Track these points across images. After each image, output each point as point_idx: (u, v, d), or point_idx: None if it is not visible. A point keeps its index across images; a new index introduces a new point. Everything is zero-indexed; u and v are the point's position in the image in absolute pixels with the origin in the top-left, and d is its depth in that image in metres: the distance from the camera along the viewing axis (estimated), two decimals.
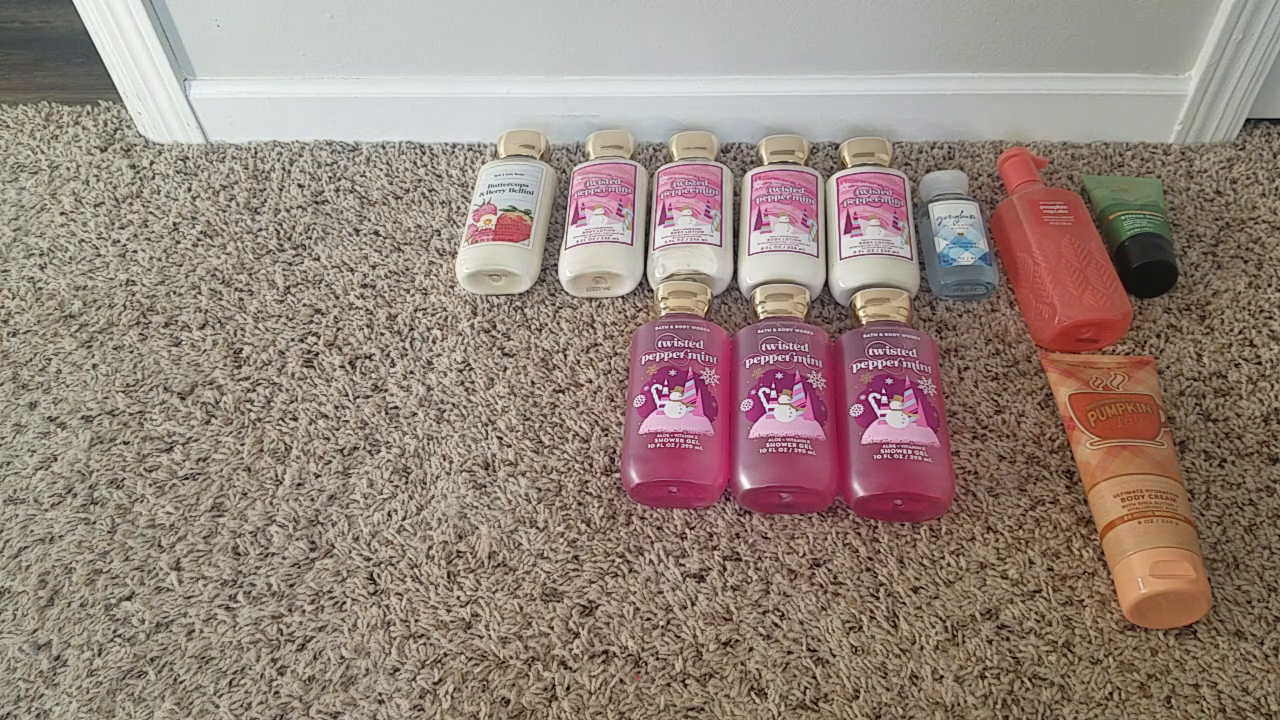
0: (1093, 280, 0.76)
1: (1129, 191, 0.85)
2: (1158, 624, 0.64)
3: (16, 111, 1.02)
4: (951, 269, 0.80)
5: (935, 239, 0.82)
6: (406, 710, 0.62)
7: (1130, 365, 0.75)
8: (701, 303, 0.78)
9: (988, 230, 0.84)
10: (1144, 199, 0.84)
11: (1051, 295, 0.76)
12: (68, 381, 0.80)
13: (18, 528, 0.72)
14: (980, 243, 0.81)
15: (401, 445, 0.75)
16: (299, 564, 0.69)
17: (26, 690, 0.64)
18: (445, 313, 0.83)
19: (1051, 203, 0.81)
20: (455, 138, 0.97)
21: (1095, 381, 0.73)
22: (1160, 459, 0.67)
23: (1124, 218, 0.82)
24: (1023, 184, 0.85)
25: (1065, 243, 0.78)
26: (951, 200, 0.84)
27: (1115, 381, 0.73)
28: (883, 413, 0.69)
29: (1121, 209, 0.83)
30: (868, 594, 0.66)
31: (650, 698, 0.62)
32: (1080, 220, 0.80)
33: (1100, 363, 0.75)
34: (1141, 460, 0.67)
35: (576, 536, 0.69)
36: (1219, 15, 0.83)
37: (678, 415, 0.69)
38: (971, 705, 0.61)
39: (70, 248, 0.90)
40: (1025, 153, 0.87)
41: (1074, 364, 0.75)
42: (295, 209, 0.92)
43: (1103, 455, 0.68)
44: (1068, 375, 0.74)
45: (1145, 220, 0.81)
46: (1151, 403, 0.71)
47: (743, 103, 0.92)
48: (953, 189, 0.86)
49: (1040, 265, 0.78)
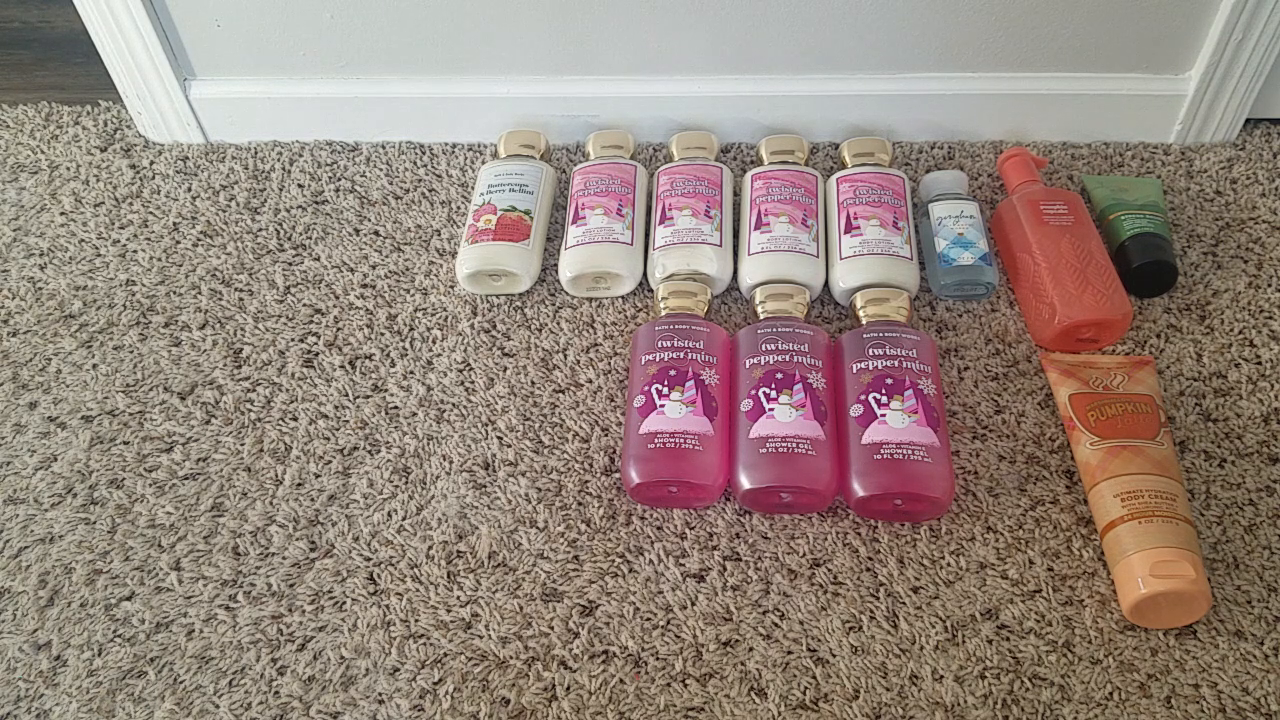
0: (1093, 280, 0.76)
1: (1129, 191, 0.85)
2: (1158, 624, 0.64)
3: (16, 111, 1.02)
4: (951, 269, 0.80)
5: (935, 239, 0.82)
6: (406, 710, 0.62)
7: (1130, 365, 0.75)
8: (701, 303, 0.78)
9: (988, 230, 0.85)
10: (1144, 199, 0.84)
11: (1051, 295, 0.76)
12: (68, 381, 0.80)
13: (18, 528, 0.72)
14: (980, 242, 0.81)
15: (401, 445, 0.75)
16: (299, 564, 0.69)
17: (26, 690, 0.64)
18: (445, 313, 0.83)
19: (1051, 203, 0.81)
20: (455, 138, 0.97)
21: (1095, 381, 0.73)
22: (1160, 459, 0.67)
23: (1124, 217, 0.82)
24: (1023, 184, 0.85)
25: (1065, 242, 0.78)
26: (951, 200, 0.84)
27: (1115, 381, 0.73)
28: (883, 413, 0.69)
29: (1121, 209, 0.83)
30: (868, 594, 0.66)
31: (650, 698, 0.62)
32: (1080, 220, 0.80)
33: (1100, 363, 0.75)
34: (1142, 460, 0.67)
35: (576, 536, 0.69)
36: (1219, 15, 0.83)
37: (678, 415, 0.69)
38: (971, 705, 0.61)
39: (70, 248, 0.90)
40: (1025, 153, 0.87)
41: (1074, 364, 0.75)
42: (295, 209, 0.92)
43: (1103, 455, 0.68)
44: (1068, 375, 0.74)
45: (1145, 220, 0.81)
46: (1151, 403, 0.71)
47: (743, 103, 0.92)
48: (953, 189, 0.86)
49: (1040, 265, 0.78)
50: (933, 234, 0.83)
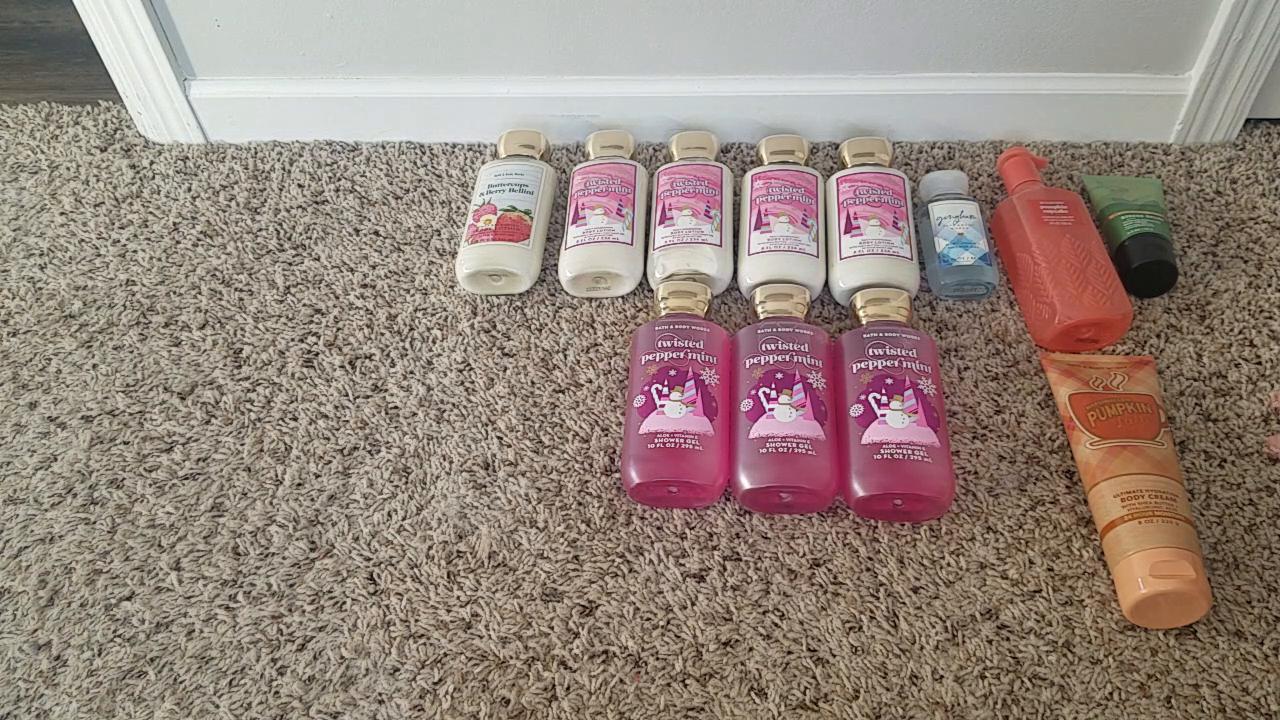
0: (1093, 280, 0.76)
1: (1129, 191, 0.85)
2: (1158, 624, 0.64)
3: (16, 111, 1.02)
4: (951, 269, 0.80)
5: (935, 239, 0.82)
6: (406, 710, 0.62)
7: (1130, 365, 0.75)
8: (701, 303, 0.78)
9: (988, 230, 0.84)
10: (1144, 199, 0.84)
11: (1051, 295, 0.76)
12: (68, 381, 0.80)
13: (18, 528, 0.72)
14: (980, 243, 0.81)
15: (401, 445, 0.75)
16: (299, 564, 0.69)
17: (26, 690, 0.64)
18: (445, 313, 0.83)
19: (1051, 203, 0.81)
20: (455, 138, 0.97)
21: (1095, 381, 0.73)
22: (1160, 459, 0.67)
23: (1124, 218, 0.82)
24: (1023, 184, 0.85)
25: (1065, 242, 0.78)
26: (951, 200, 0.84)
27: (1115, 381, 0.73)
28: (883, 413, 0.69)
29: (1121, 209, 0.83)
30: (868, 594, 0.66)
31: (650, 698, 0.62)
32: (1080, 220, 0.80)
33: (1100, 363, 0.75)
34: (1141, 460, 0.67)
35: (576, 536, 0.69)
36: (1219, 15, 0.83)
37: (678, 415, 0.69)
38: (971, 705, 0.61)
39: (70, 248, 0.90)
40: (1025, 153, 0.87)
41: (1074, 364, 0.75)
42: (295, 209, 0.92)
43: (1103, 455, 0.68)
44: (1068, 375, 0.74)
45: (1145, 220, 0.81)
46: (1151, 403, 0.71)
47: (743, 103, 0.92)
48: (953, 189, 0.86)
49: (1040, 265, 0.78)
50: (932, 234, 0.83)
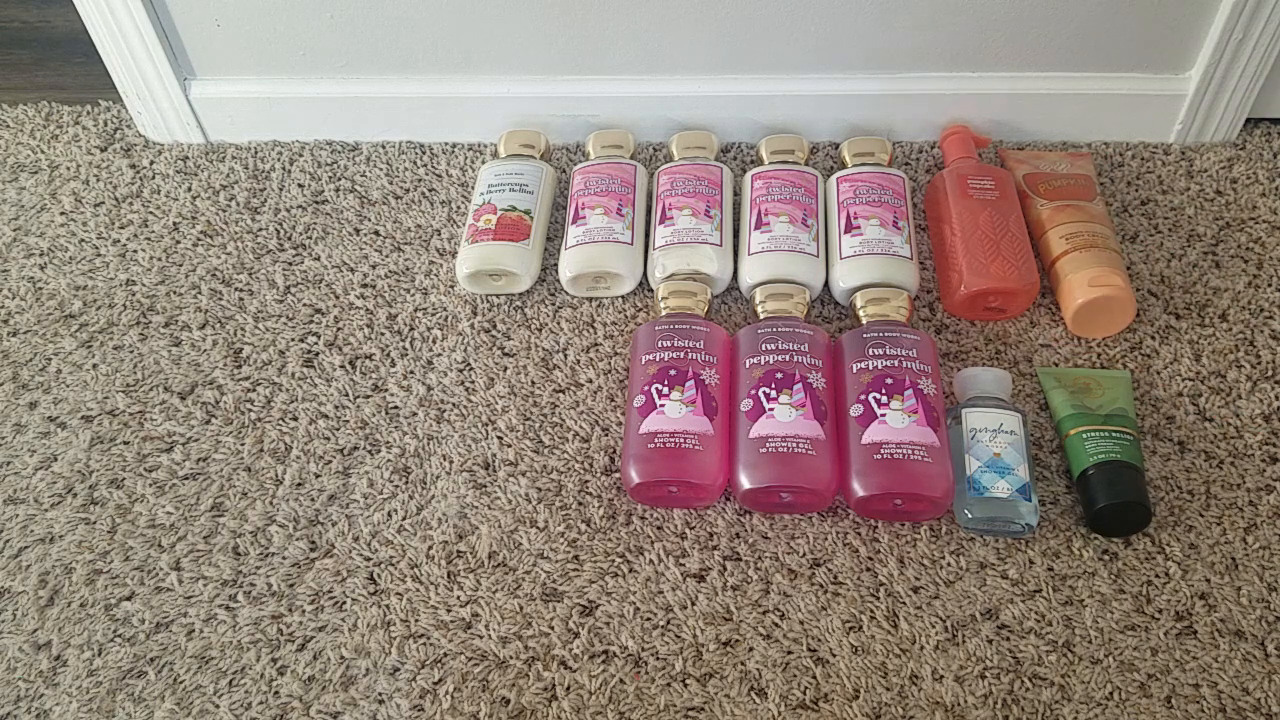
0: (1004, 252, 0.78)
1: (1091, 393, 0.73)
2: (1094, 332, 0.77)
3: (16, 111, 1.02)
4: (982, 500, 0.67)
5: (966, 455, 0.69)
6: (406, 710, 0.62)
7: (1070, 157, 0.89)
8: (701, 302, 0.78)
9: (1028, 448, 0.70)
10: (1109, 404, 0.72)
11: (961, 263, 0.78)
12: (68, 381, 0.80)
13: (18, 528, 0.72)
14: (1020, 469, 0.67)
15: (401, 445, 0.75)
16: (299, 564, 0.69)
17: (26, 690, 0.64)
18: (445, 313, 0.83)
19: (980, 178, 0.83)
20: (455, 138, 0.97)
21: (1045, 166, 0.87)
22: (1095, 213, 0.81)
23: (1085, 436, 0.70)
24: (958, 159, 0.87)
25: (984, 215, 0.80)
26: (992, 410, 0.70)
27: (1060, 166, 0.87)
28: (883, 412, 0.69)
29: (1083, 422, 0.70)
30: (868, 594, 0.66)
31: (650, 698, 0.62)
32: (1005, 196, 0.82)
33: (1048, 156, 0.89)
34: (1080, 213, 0.81)
35: (576, 536, 0.69)
36: (1219, 15, 0.83)
37: (678, 415, 0.69)
38: (971, 705, 0.61)
39: (70, 247, 0.90)
40: (966, 130, 0.90)
41: (1026, 156, 0.88)
42: (295, 209, 0.92)
43: (1051, 211, 0.82)
44: (1021, 164, 0.87)
45: (1111, 441, 0.69)
46: (1089, 178, 0.85)
47: (743, 103, 0.92)
48: (993, 392, 0.72)
49: (956, 235, 0.80)
50: (964, 449, 0.69)
